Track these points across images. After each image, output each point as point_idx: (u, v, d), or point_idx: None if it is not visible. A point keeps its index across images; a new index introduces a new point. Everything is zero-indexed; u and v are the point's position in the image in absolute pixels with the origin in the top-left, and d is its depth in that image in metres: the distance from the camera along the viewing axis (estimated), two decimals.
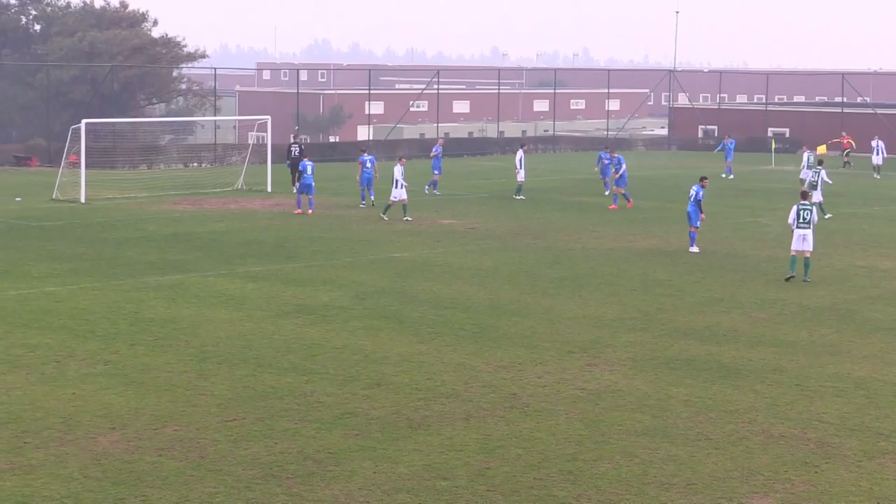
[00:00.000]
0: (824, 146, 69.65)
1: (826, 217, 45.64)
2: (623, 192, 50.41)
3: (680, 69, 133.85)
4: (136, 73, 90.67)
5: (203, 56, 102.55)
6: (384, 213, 45.24)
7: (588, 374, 22.44)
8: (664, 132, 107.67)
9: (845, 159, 74.04)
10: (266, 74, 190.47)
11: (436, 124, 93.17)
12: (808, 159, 58.27)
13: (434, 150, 56.89)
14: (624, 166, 50.80)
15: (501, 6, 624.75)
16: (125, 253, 36.49)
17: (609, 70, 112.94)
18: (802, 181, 55.84)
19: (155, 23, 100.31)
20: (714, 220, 46.35)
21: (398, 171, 45.23)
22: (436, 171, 55.77)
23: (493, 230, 42.69)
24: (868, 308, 29.42)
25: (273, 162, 57.56)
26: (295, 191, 51.35)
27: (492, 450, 17.89)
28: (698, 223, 38.06)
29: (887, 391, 21.63)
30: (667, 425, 19.27)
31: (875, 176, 67.54)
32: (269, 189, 55.19)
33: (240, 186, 56.52)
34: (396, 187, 45.02)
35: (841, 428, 19.30)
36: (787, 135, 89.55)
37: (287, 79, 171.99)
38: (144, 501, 15.64)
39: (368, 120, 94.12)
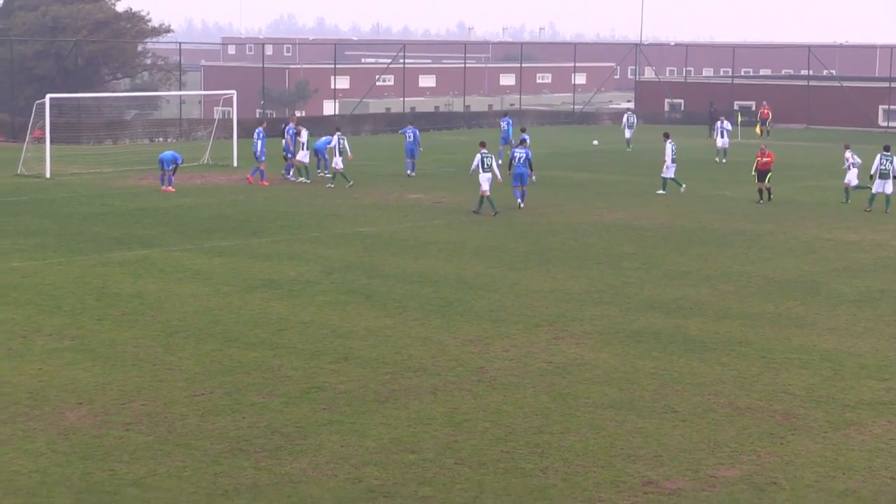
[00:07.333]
0: (758, 127, 76.86)
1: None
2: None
3: (646, 43, 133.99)
4: (101, 47, 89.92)
5: (168, 31, 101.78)
6: None
7: (555, 348, 22.49)
8: (630, 106, 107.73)
9: (767, 128, 76.60)
10: (231, 49, 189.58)
11: (402, 99, 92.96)
12: (627, 119, 69.24)
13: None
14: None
15: None
16: (91, 228, 36.33)
17: (575, 44, 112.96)
18: (628, 142, 67.28)
19: None
20: (679, 194, 46.46)
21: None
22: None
23: (459, 204, 42.66)
24: (834, 281, 29.56)
25: (239, 137, 57.30)
26: (321, 174, 50.06)
27: (459, 423, 17.93)
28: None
29: (852, 363, 21.77)
30: (633, 398, 19.35)
31: (717, 159, 60.80)
32: (235, 164, 54.95)
33: (206, 161, 56.29)
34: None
35: (807, 400, 19.42)
36: (753, 108, 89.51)
37: (252, 53, 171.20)
38: (112, 475, 15.62)
39: (334, 94, 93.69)
